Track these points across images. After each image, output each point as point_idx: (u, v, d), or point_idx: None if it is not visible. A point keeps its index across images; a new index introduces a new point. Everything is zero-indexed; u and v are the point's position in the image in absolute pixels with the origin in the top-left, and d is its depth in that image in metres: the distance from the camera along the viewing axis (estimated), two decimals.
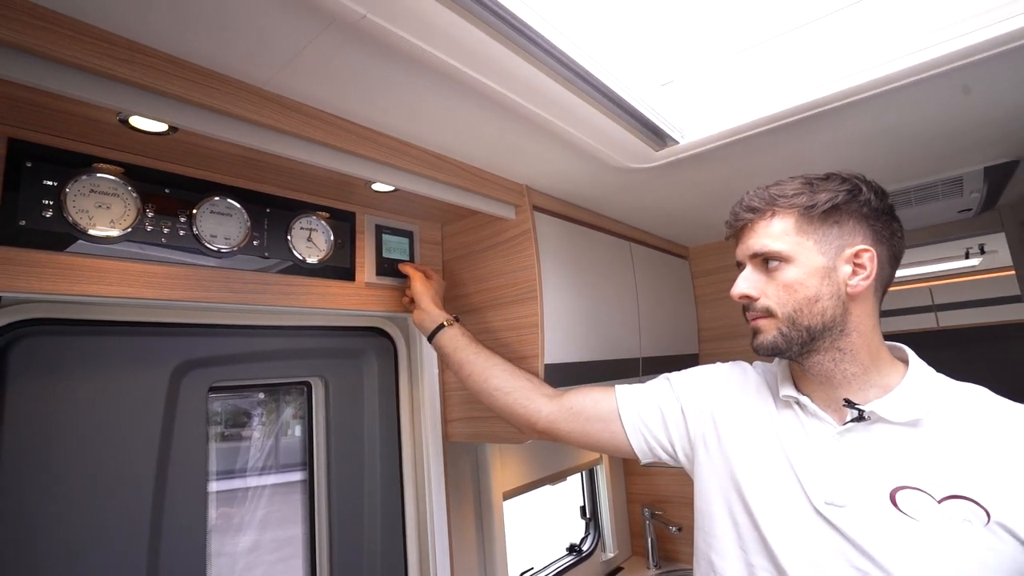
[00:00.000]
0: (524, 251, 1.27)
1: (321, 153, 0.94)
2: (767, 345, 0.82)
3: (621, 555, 2.11)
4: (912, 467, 0.73)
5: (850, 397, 0.80)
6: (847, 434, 0.79)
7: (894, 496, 0.73)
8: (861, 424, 0.78)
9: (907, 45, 0.86)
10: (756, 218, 0.83)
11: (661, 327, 1.82)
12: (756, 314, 0.83)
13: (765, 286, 0.82)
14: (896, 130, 1.13)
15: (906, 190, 1.62)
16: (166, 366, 1.00)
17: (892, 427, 0.77)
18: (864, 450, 0.77)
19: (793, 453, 0.82)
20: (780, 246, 0.80)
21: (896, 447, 0.76)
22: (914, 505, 0.71)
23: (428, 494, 1.36)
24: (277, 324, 1.20)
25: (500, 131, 1.03)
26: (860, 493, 0.75)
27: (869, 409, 0.77)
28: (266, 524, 1.33)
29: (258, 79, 0.80)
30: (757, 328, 0.83)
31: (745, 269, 0.84)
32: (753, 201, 0.84)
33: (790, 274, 0.80)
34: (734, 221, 0.86)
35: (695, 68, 1.06)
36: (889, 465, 0.75)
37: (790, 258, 0.80)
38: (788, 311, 0.79)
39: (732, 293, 0.84)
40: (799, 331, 0.79)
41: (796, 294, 0.79)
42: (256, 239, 1.08)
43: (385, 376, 1.38)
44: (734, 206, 0.87)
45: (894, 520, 0.72)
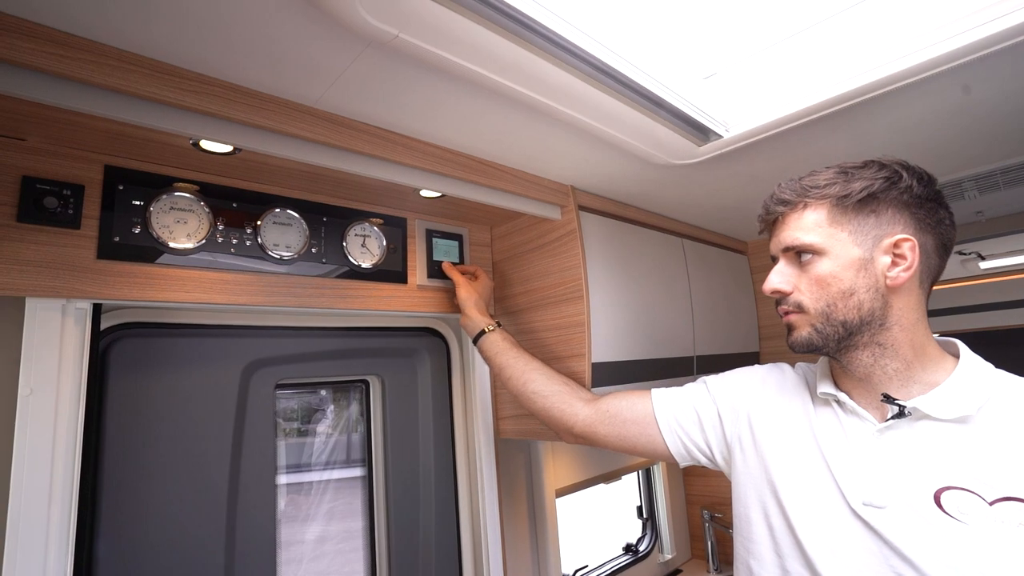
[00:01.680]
0: (570, 251, 1.28)
1: (369, 164, 1.00)
2: (801, 342, 0.80)
3: (680, 557, 2.07)
4: (960, 466, 0.69)
5: (896, 392, 0.76)
6: (888, 431, 0.75)
7: (939, 497, 0.68)
8: (904, 421, 0.74)
9: (992, 10, 0.78)
10: (788, 211, 0.81)
11: (717, 325, 1.77)
12: (788, 309, 0.81)
13: (798, 280, 0.80)
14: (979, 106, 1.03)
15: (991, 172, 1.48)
16: (238, 364, 1.10)
17: (938, 424, 0.72)
18: (906, 448, 0.73)
19: (830, 452, 0.79)
20: (812, 238, 0.77)
21: (942, 445, 0.71)
22: (962, 507, 0.67)
23: (481, 489, 1.40)
24: (336, 326, 1.28)
25: (541, 135, 1.05)
26: (901, 494, 0.71)
27: (912, 405, 0.73)
28: (331, 516, 1.42)
29: (309, 99, 0.87)
30: (790, 324, 0.82)
31: (778, 263, 0.83)
32: (784, 193, 0.82)
33: (823, 267, 0.77)
34: (765, 215, 0.85)
35: (738, 59, 1.03)
36: (934, 464, 0.70)
37: (823, 251, 0.77)
38: (821, 306, 0.77)
39: (764, 288, 0.82)
40: (834, 326, 0.76)
41: (830, 288, 0.76)
42: (314, 246, 1.16)
43: (438, 374, 1.44)
44: (765, 200, 0.85)
45: (938, 522, 0.67)
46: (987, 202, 1.78)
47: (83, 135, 0.85)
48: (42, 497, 0.81)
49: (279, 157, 0.91)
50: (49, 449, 0.83)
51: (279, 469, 1.26)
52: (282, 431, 1.39)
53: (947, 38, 0.82)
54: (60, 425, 0.84)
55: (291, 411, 1.44)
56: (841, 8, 0.91)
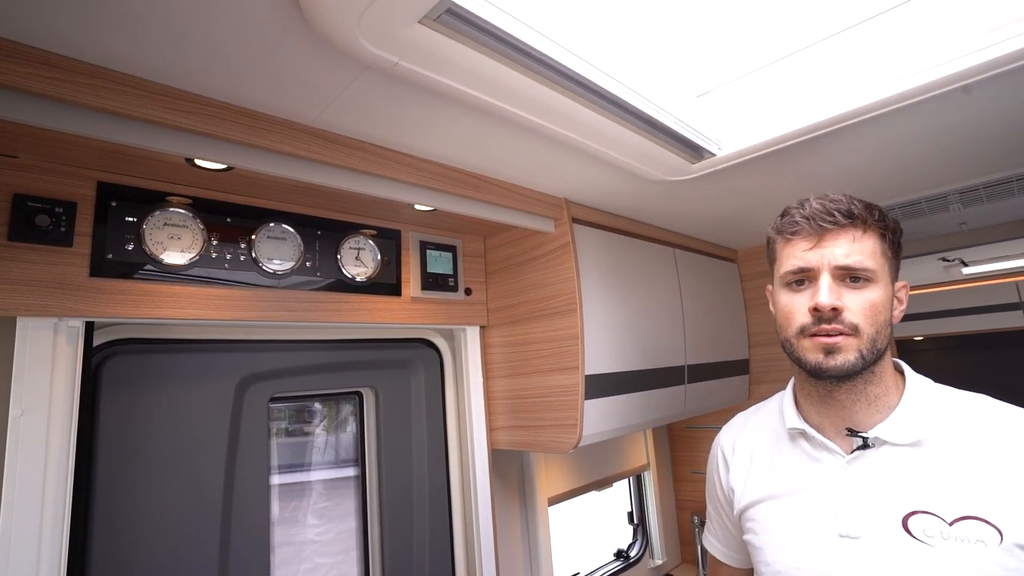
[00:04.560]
0: (563, 263, 1.29)
1: (364, 181, 1.00)
2: (848, 368, 0.74)
3: (670, 562, 2.09)
4: (920, 490, 0.72)
5: (865, 419, 0.78)
6: (855, 462, 0.78)
7: (906, 522, 0.71)
8: (868, 450, 0.77)
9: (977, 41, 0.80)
10: (849, 226, 0.76)
11: (708, 333, 1.79)
12: (841, 329, 0.74)
13: (846, 301, 0.75)
14: (966, 127, 1.06)
15: (974, 187, 1.52)
16: (232, 379, 1.09)
17: (897, 449, 0.75)
18: (873, 476, 0.76)
19: (805, 489, 0.81)
20: (873, 264, 0.75)
21: (903, 470, 0.74)
22: (927, 529, 0.70)
23: (474, 499, 1.41)
24: (330, 338, 1.28)
25: (536, 151, 1.06)
26: (873, 522, 0.73)
27: (872, 435, 0.76)
28: (326, 516, 1.42)
29: (305, 118, 0.87)
30: (836, 347, 0.74)
31: (826, 279, 0.75)
32: (853, 206, 0.76)
33: (877, 295, 0.75)
34: (822, 221, 0.76)
35: (731, 78, 1.05)
36: (899, 490, 0.73)
37: (878, 279, 0.75)
38: (872, 332, 0.74)
39: (820, 303, 0.73)
40: (874, 354, 0.75)
41: (879, 316, 0.75)
42: (309, 260, 1.16)
43: (432, 385, 1.44)
44: (816, 205, 0.77)
45: (908, 547, 0.70)
46: (970, 214, 1.82)
47: (76, 152, 0.84)
48: (34, 520, 0.81)
49: (274, 175, 0.90)
50: (41, 470, 0.82)
51: (275, 470, 1.26)
52: (276, 432, 1.39)
53: (933, 66, 0.84)
54: (52, 446, 0.84)
55: (285, 412, 1.43)
56: (831, 32, 0.92)
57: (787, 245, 0.80)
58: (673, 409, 1.58)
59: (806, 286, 0.78)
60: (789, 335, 0.79)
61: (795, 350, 0.79)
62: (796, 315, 0.77)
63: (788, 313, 0.79)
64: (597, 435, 1.28)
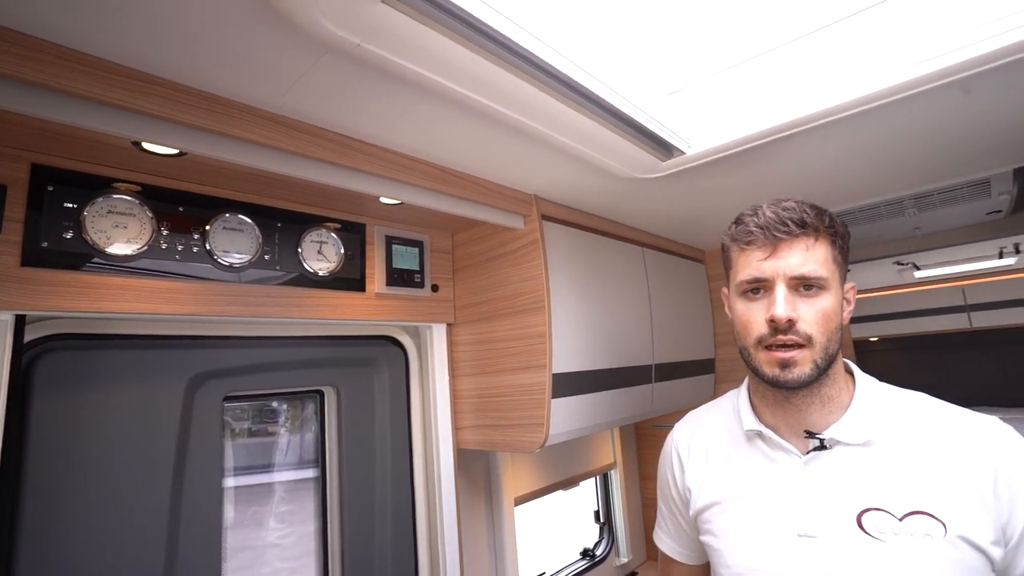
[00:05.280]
0: (532, 260, 1.28)
1: (327, 171, 0.96)
2: (804, 379, 0.75)
3: (636, 560, 2.10)
4: (872, 488, 0.74)
5: (820, 420, 0.80)
6: (812, 462, 0.79)
7: (860, 519, 0.73)
8: (824, 451, 0.79)
9: (929, 49, 0.83)
10: (802, 236, 0.77)
11: (675, 333, 1.80)
12: (797, 340, 0.75)
13: (800, 311, 0.76)
14: (920, 134, 1.10)
15: (928, 193, 1.57)
16: (182, 377, 1.03)
17: (850, 449, 0.78)
18: (829, 476, 0.78)
19: (762, 490, 0.82)
20: (825, 272, 0.76)
21: (856, 469, 0.76)
22: (879, 526, 0.72)
23: (439, 499, 1.38)
24: (290, 335, 1.23)
25: (505, 145, 1.03)
26: (830, 521, 0.75)
27: (828, 436, 0.78)
28: (288, 519, 1.37)
29: (264, 103, 0.82)
30: (791, 360, 0.76)
31: (781, 290, 0.76)
32: (805, 215, 0.77)
33: (828, 302, 0.76)
34: (776, 231, 0.77)
35: (703, 76, 1.05)
36: (852, 488, 0.75)
37: (829, 286, 0.77)
38: (824, 340, 0.76)
39: (777, 316, 0.75)
40: (827, 361, 0.77)
41: (831, 324, 0.77)
42: (267, 253, 1.11)
43: (396, 384, 1.41)
44: (769, 214, 0.78)
45: (862, 544, 0.72)
46: (924, 219, 1.88)
47: (7, 131, 0.78)
48: None
49: (231, 162, 0.86)
50: None
51: (231, 472, 1.21)
52: (239, 432, 1.33)
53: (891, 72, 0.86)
54: None
55: (249, 412, 1.38)
56: (798, 35, 0.93)
57: (742, 254, 0.82)
58: (640, 408, 1.59)
59: (761, 295, 0.79)
60: (747, 344, 0.81)
61: (753, 360, 0.81)
62: (753, 326, 0.79)
63: (745, 323, 0.81)
64: (564, 434, 1.27)
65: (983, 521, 0.69)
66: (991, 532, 0.69)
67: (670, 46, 1.07)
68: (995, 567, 0.69)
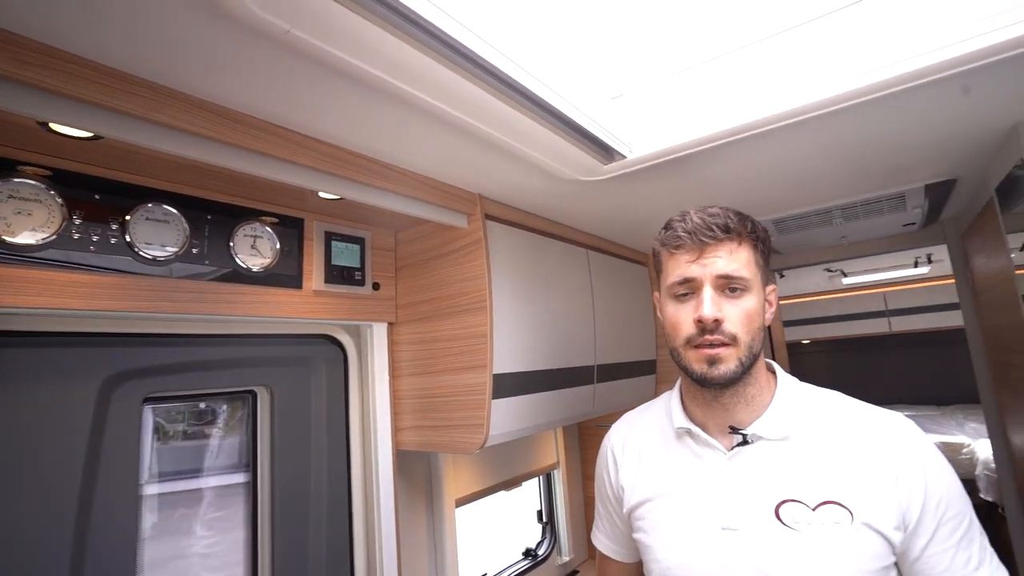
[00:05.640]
0: (475, 260, 1.27)
1: (259, 162, 0.92)
2: (729, 376, 0.80)
3: (577, 558, 2.12)
4: (789, 480, 0.79)
5: (745, 417, 0.84)
6: (736, 457, 0.84)
7: (778, 511, 0.78)
8: (746, 446, 0.83)
9: (853, 67, 0.89)
10: (727, 240, 0.81)
11: (618, 334, 1.84)
12: (722, 340, 0.79)
13: (725, 311, 0.80)
14: (845, 148, 1.16)
15: (853, 204, 1.67)
16: (95, 378, 0.96)
17: (770, 444, 0.82)
18: (750, 470, 0.82)
19: (690, 486, 0.86)
20: (748, 274, 0.81)
21: (775, 463, 0.81)
22: (795, 516, 0.77)
23: (377, 502, 1.35)
24: (220, 333, 1.17)
25: (449, 143, 1.02)
26: (750, 514, 0.79)
27: (751, 432, 0.83)
28: (218, 527, 1.30)
29: (189, 86, 0.78)
30: (717, 357, 0.80)
31: (708, 291, 0.80)
32: (729, 220, 0.82)
33: (751, 303, 0.81)
34: (701, 236, 0.81)
35: (645, 82, 1.08)
36: (771, 481, 0.80)
37: (752, 287, 0.81)
38: (748, 339, 0.81)
39: (704, 315, 0.79)
40: (751, 359, 0.81)
41: (754, 323, 0.81)
42: (196, 247, 1.05)
43: (335, 384, 1.36)
44: (696, 219, 0.82)
45: (779, 534, 0.77)
46: (850, 228, 2.00)
47: None
48: None
49: (149, 148, 0.80)
50: None
51: (152, 478, 1.14)
52: (172, 434, 1.27)
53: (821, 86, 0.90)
54: None
55: (185, 413, 1.30)
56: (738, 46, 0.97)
57: (671, 258, 0.86)
58: (582, 408, 1.61)
59: (690, 297, 0.83)
60: (677, 345, 0.85)
61: (682, 359, 0.85)
62: (682, 326, 0.83)
63: (675, 324, 0.84)
64: (504, 435, 1.27)
65: (886, 508, 0.74)
66: (893, 518, 0.74)
67: (614, 51, 1.09)
68: (895, 550, 0.75)
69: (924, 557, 0.75)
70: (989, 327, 1.87)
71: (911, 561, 0.76)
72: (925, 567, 0.75)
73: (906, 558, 0.76)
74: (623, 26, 1.07)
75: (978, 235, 1.71)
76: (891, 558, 0.76)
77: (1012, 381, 1.67)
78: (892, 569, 0.77)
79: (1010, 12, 0.77)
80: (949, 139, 1.18)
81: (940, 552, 0.75)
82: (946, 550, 0.75)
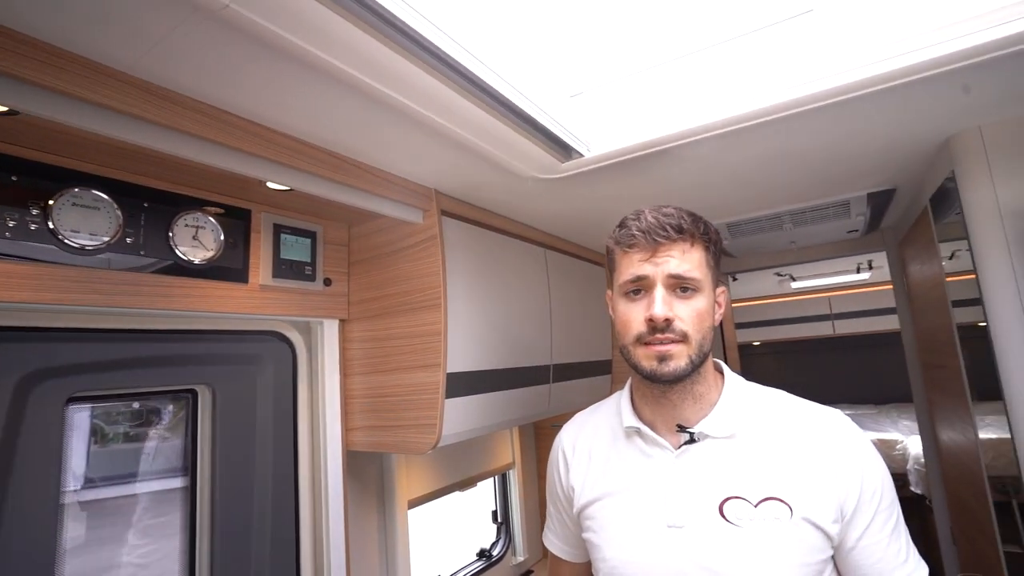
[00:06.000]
0: (430, 256, 1.24)
1: (201, 148, 0.87)
2: (679, 372, 0.80)
3: (532, 558, 2.12)
4: (733, 477, 0.81)
5: (692, 415, 0.86)
6: (682, 456, 0.85)
7: (722, 508, 0.79)
8: (693, 444, 0.84)
9: (800, 76, 0.91)
10: (679, 240, 0.82)
11: (575, 334, 1.85)
12: (673, 337, 0.80)
13: (676, 310, 0.81)
14: (794, 154, 1.20)
15: (802, 210, 1.73)
16: (8, 376, 0.89)
17: (716, 441, 0.84)
18: (696, 468, 0.83)
19: (638, 484, 0.86)
20: (699, 275, 0.82)
21: (721, 460, 0.82)
22: (738, 513, 0.78)
23: (325, 505, 1.30)
24: (157, 328, 1.11)
25: (404, 136, 1.00)
26: (695, 511, 0.80)
27: (698, 430, 0.84)
28: (155, 534, 1.23)
29: (120, 62, 0.73)
30: (668, 354, 0.80)
31: (660, 290, 0.81)
32: (683, 221, 0.82)
33: (702, 303, 0.82)
34: (655, 235, 0.81)
35: (605, 81, 1.08)
36: (716, 479, 0.81)
37: (703, 288, 0.83)
38: (699, 338, 0.82)
39: (655, 314, 0.79)
40: (700, 357, 0.83)
41: (704, 323, 0.83)
42: (130, 236, 0.99)
43: (282, 382, 1.31)
44: (651, 218, 0.83)
45: (723, 531, 0.78)
46: (799, 234, 2.08)
47: None
48: None
49: (78, 128, 0.75)
50: None
51: (87, 484, 1.07)
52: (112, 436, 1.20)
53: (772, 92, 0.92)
54: None
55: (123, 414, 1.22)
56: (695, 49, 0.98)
57: (625, 256, 0.86)
58: (537, 408, 1.60)
59: (642, 296, 0.84)
60: (627, 343, 0.85)
61: (632, 357, 0.85)
62: (633, 324, 0.83)
63: (626, 322, 0.85)
64: (457, 435, 1.25)
65: (824, 502, 0.77)
66: (831, 512, 0.77)
67: (573, 49, 1.08)
68: (833, 543, 0.78)
69: (859, 547, 0.78)
70: (922, 330, 1.98)
71: (847, 551, 0.79)
72: (860, 556, 0.78)
73: (842, 548, 0.79)
74: (583, 25, 1.07)
75: (914, 243, 1.80)
76: (829, 551, 0.78)
77: (941, 381, 1.77)
78: (830, 562, 0.80)
79: (945, 29, 0.81)
80: (888, 150, 1.24)
81: (874, 543, 0.78)
82: (879, 540, 0.78)
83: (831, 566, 0.80)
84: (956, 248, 1.30)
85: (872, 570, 0.78)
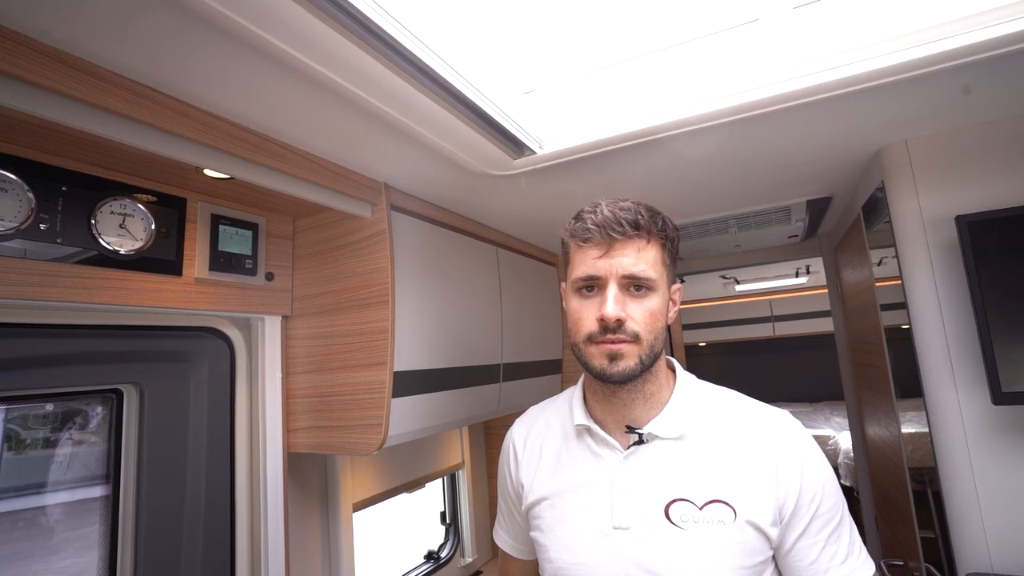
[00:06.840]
0: (378, 252, 1.21)
1: (126, 128, 0.81)
2: (628, 372, 0.79)
3: (481, 559, 2.11)
4: (680, 479, 0.80)
5: (642, 414, 0.85)
6: (631, 457, 0.84)
7: (667, 510, 0.79)
8: (642, 445, 0.84)
9: (742, 82, 0.94)
10: (636, 237, 0.79)
11: (525, 333, 1.84)
12: (624, 337, 0.78)
13: (628, 310, 0.79)
14: (739, 159, 1.23)
15: (747, 215, 1.79)
16: None
17: (665, 443, 0.84)
18: (645, 469, 0.83)
19: (586, 484, 0.86)
20: (654, 274, 0.80)
21: (669, 462, 0.82)
22: (683, 515, 0.78)
23: (263, 510, 1.24)
24: (77, 323, 1.02)
25: (353, 125, 0.96)
26: (642, 513, 0.80)
27: (647, 431, 0.83)
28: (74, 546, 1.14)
29: (28, 28, 0.66)
30: (619, 353, 0.79)
31: (612, 289, 0.79)
32: (639, 217, 0.80)
33: (655, 302, 0.80)
34: (610, 231, 0.79)
35: (558, 79, 1.08)
36: (663, 480, 0.81)
37: (657, 287, 0.80)
38: (651, 339, 0.80)
39: (607, 315, 0.77)
40: (651, 358, 0.81)
41: (656, 323, 0.81)
42: (44, 222, 0.91)
43: (218, 382, 1.24)
44: (607, 212, 0.80)
45: (668, 533, 0.78)
46: (743, 237, 2.15)
47: None
48: None
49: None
50: None
51: None
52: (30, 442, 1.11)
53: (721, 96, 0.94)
54: None
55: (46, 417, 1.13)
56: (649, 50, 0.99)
57: (579, 251, 0.84)
58: (487, 407, 1.59)
59: (595, 293, 0.82)
60: (578, 341, 0.83)
61: (583, 355, 0.83)
62: (584, 323, 0.81)
63: (577, 320, 0.83)
64: (405, 435, 1.22)
65: (765, 505, 0.77)
66: (771, 514, 0.77)
67: (528, 46, 1.08)
68: (771, 545, 0.78)
69: (795, 550, 0.78)
70: (853, 332, 2.09)
71: (783, 553, 0.79)
72: (795, 559, 0.79)
73: (780, 551, 0.80)
74: (538, 22, 1.06)
75: (847, 249, 1.90)
76: (769, 552, 0.79)
77: (869, 380, 1.88)
78: (770, 563, 0.80)
79: (878, 45, 0.85)
80: (826, 159, 1.30)
81: (809, 545, 0.78)
82: (815, 544, 0.78)
83: (772, 567, 0.81)
84: (884, 255, 1.37)
85: (807, 571, 0.78)
